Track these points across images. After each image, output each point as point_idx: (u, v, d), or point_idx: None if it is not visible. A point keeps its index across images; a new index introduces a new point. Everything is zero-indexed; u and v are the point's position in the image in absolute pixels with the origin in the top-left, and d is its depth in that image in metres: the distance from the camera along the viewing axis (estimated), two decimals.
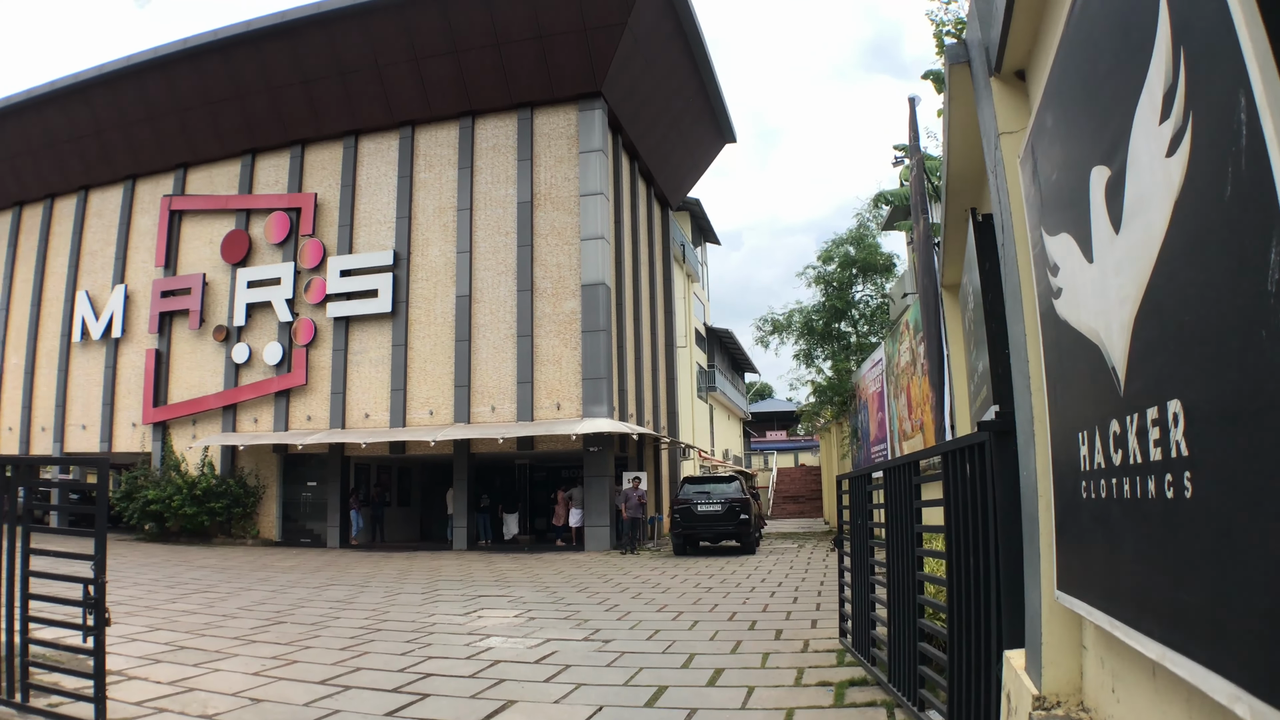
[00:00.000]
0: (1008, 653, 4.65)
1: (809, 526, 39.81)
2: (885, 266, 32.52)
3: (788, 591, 15.89)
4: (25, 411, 37.39)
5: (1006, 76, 5.00)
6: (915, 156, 13.31)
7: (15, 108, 36.86)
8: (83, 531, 7.44)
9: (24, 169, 38.41)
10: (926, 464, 7.08)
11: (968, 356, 11.03)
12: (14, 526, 7.56)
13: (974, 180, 8.57)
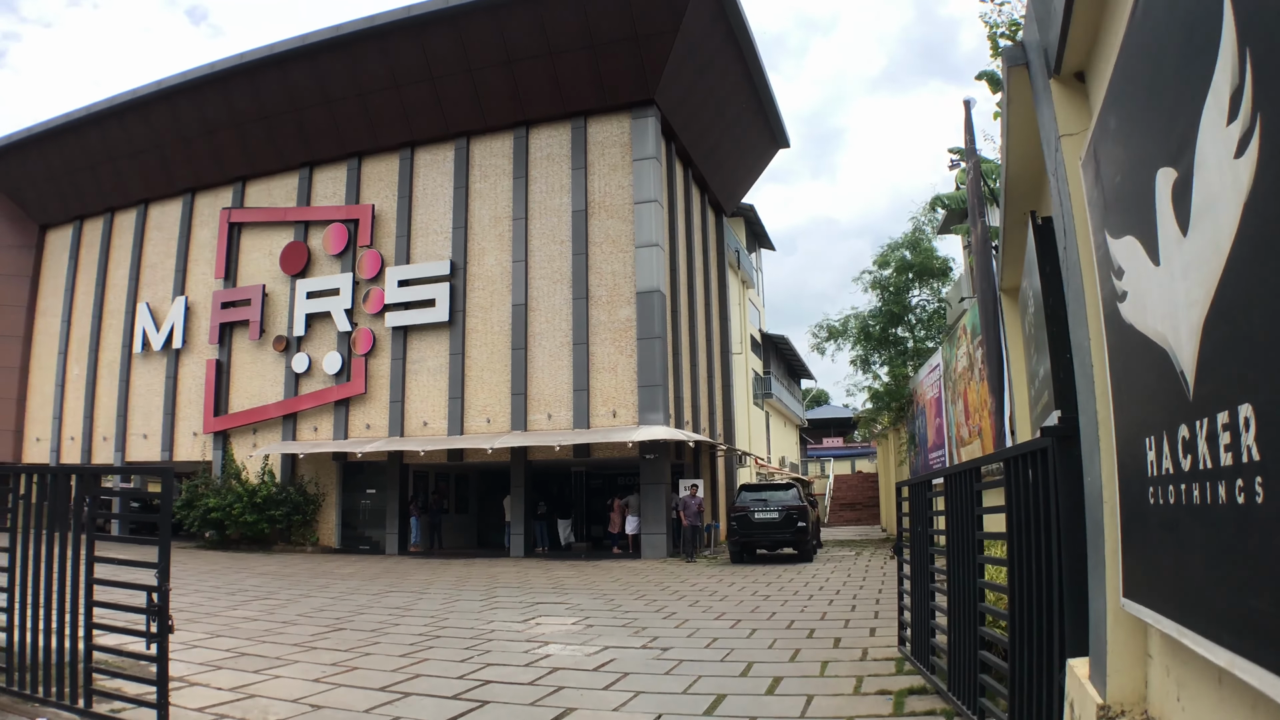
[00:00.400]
0: (1071, 661, 4.60)
1: (866, 534, 39.54)
2: (942, 270, 32.25)
3: (845, 599, 15.81)
4: (87, 421, 38.20)
5: (1066, 78, 4.97)
6: (972, 160, 13.20)
7: (75, 124, 37.78)
8: (146, 539, 7.54)
9: (84, 184, 39.29)
10: (988, 470, 7.02)
11: (1028, 361, 10.91)
12: (78, 534, 7.68)
13: (1033, 183, 8.50)
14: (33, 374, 41.60)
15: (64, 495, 8.13)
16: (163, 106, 35.43)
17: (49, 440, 39.79)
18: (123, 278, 38.40)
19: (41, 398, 40.85)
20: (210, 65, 33.78)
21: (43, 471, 8.35)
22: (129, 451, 36.62)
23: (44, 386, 40.81)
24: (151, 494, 9.01)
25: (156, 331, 36.22)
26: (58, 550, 7.73)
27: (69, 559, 7.66)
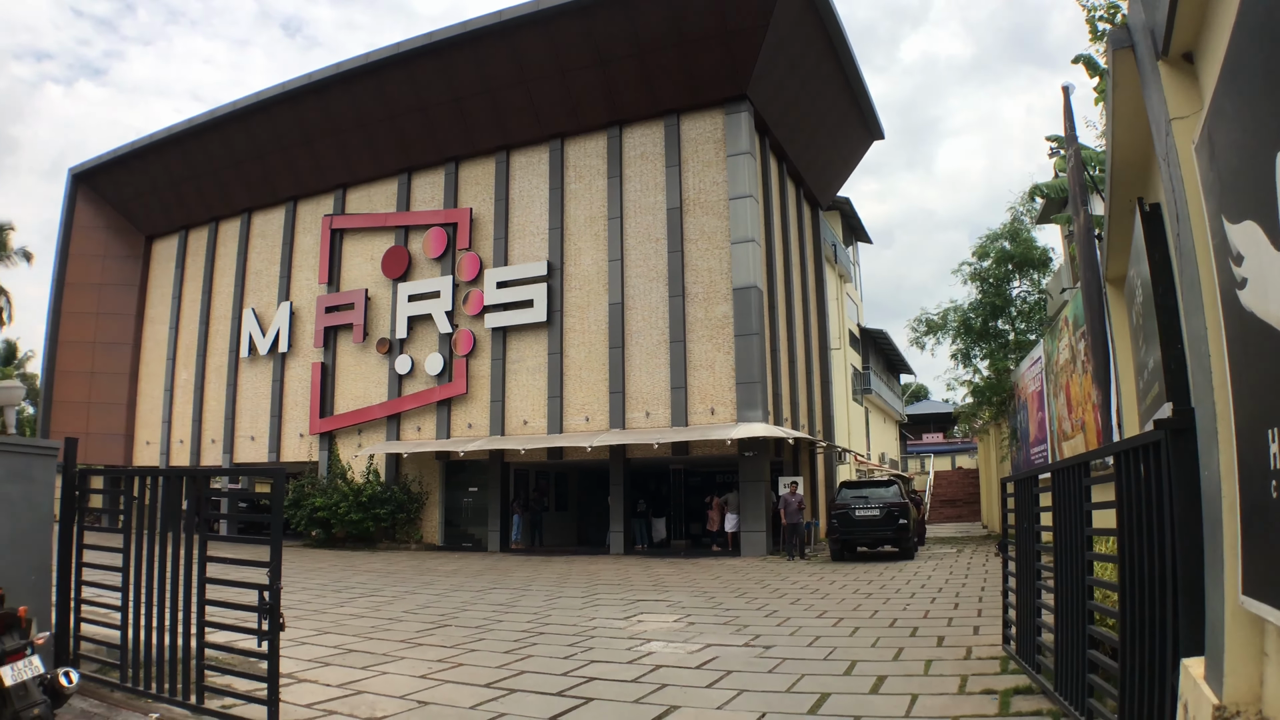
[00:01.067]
0: (1185, 661, 4.47)
1: (967, 531, 39.01)
2: (1042, 261, 31.58)
3: (948, 597, 15.77)
4: (195, 425, 39.49)
5: (1174, 60, 4.84)
6: (1073, 147, 12.92)
7: (178, 137, 39.26)
8: (257, 539, 7.74)
9: (188, 195, 40.64)
10: (1097, 465, 6.85)
11: (1135, 352, 10.67)
12: (191, 535, 7.84)
13: (1140, 169, 8.31)
14: (142, 380, 43.18)
15: (177, 497, 8.32)
16: (263, 117, 36.50)
17: (158, 443, 41.23)
18: (228, 284, 39.59)
19: (151, 402, 42.33)
20: (308, 75, 34.84)
21: (157, 474, 8.58)
22: (237, 453, 37.75)
23: (153, 392, 42.28)
24: (259, 494, 9.21)
25: (262, 336, 37.32)
26: (171, 550, 7.91)
27: (182, 559, 7.83)
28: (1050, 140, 23.48)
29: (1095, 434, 15.28)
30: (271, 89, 36.18)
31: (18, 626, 6.84)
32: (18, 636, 6.76)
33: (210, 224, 41.35)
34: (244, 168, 38.67)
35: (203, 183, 40.25)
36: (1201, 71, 4.64)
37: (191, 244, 42.34)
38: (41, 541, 8.94)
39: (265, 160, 37.91)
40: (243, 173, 38.83)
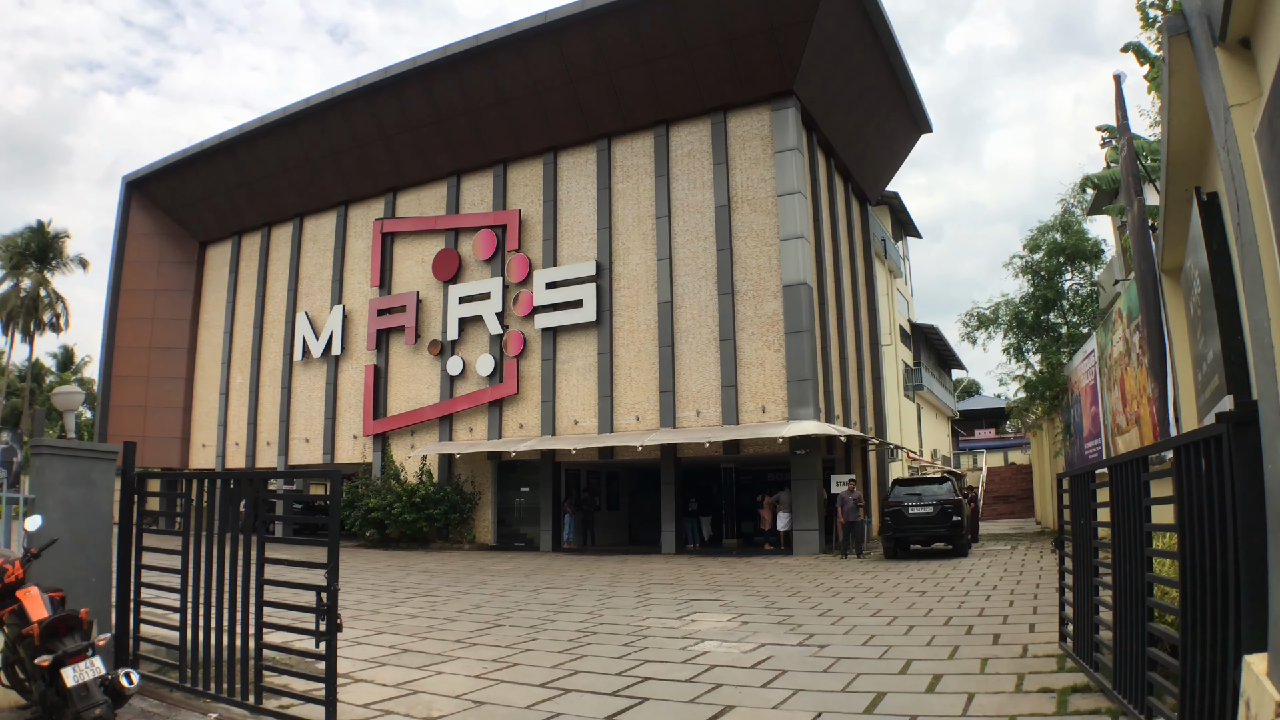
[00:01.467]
0: (1248, 657, 4.39)
1: (1020, 527, 38.66)
2: (1094, 253, 31.20)
3: (1003, 595, 15.65)
4: (251, 427, 40.05)
5: (1231, 45, 4.76)
6: (1125, 136, 12.74)
7: (229, 144, 39.93)
8: (314, 540, 7.78)
9: (241, 201, 41.21)
10: (1155, 459, 6.75)
11: (1193, 344, 10.52)
12: (249, 536, 7.92)
13: (1197, 157, 8.19)
14: (197, 384, 43.90)
15: (235, 499, 8.41)
16: (313, 123, 36.96)
17: (214, 446, 41.88)
18: (281, 289, 40.09)
19: (206, 406, 43.01)
20: (356, 81, 35.27)
21: (214, 477, 8.68)
22: (291, 455, 38.24)
23: (208, 395, 42.93)
24: (312, 496, 9.26)
25: (316, 339, 37.76)
26: (229, 552, 8.00)
27: (240, 560, 7.91)
28: (1101, 130, 23.19)
29: (1151, 428, 15.08)
30: (321, 94, 36.66)
31: (79, 628, 6.97)
32: (79, 638, 6.89)
33: (263, 229, 41.93)
34: (295, 173, 39.17)
35: (255, 188, 40.81)
36: (1260, 57, 4.56)
37: (245, 249, 42.95)
38: (101, 544, 9.08)
39: (316, 165, 38.37)
40: (294, 178, 39.33)
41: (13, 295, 64.86)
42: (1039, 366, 33.20)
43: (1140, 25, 15.68)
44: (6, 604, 7.32)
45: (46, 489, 8.77)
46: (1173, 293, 12.13)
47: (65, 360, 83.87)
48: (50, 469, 8.85)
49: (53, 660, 6.61)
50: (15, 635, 7.16)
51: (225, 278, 43.50)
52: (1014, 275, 33.31)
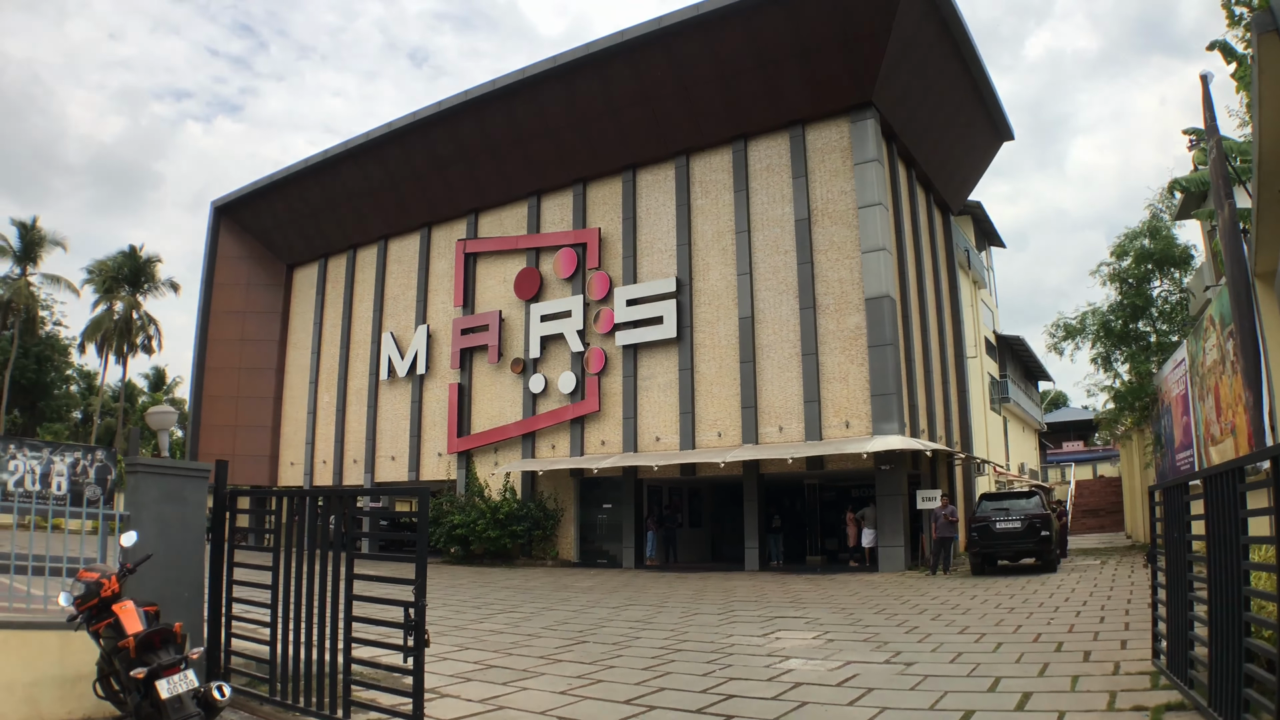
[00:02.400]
0: None
1: (1110, 541, 37.92)
2: (1183, 259, 30.62)
3: (1093, 611, 15.41)
4: (338, 445, 40.76)
5: None
6: (1213, 138, 12.52)
7: (315, 169, 40.93)
8: (402, 556, 7.97)
9: (327, 224, 42.12)
10: (1252, 469, 6.66)
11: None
12: (339, 553, 8.11)
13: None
14: (285, 403, 44.87)
15: (325, 516, 8.61)
16: (396, 147, 37.74)
17: (302, 464, 42.71)
18: (367, 310, 40.83)
19: (294, 424, 43.90)
20: (437, 104, 35.94)
21: (305, 494, 8.90)
22: (378, 472, 38.92)
23: (296, 414, 43.82)
24: (398, 513, 9.43)
25: (401, 359, 38.40)
26: (318, 567, 8.20)
27: (329, 576, 8.10)
28: (1188, 132, 22.80)
29: (1247, 437, 14.78)
30: (403, 118, 37.38)
31: (173, 641, 7.24)
32: (174, 651, 7.16)
33: (348, 251, 42.78)
34: (379, 196, 39.94)
35: (340, 212, 41.67)
36: None
37: (331, 271, 43.84)
38: (194, 560, 9.40)
39: (399, 188, 39.09)
40: (378, 201, 40.10)
41: (106, 318, 66.75)
42: (1128, 376, 32.63)
43: (1226, 23, 15.42)
44: (103, 617, 7.60)
45: (141, 506, 9.09)
46: (1267, 297, 11.93)
47: (157, 381, 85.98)
48: (145, 486, 9.17)
49: (148, 673, 6.87)
50: (111, 648, 7.43)
51: (312, 299, 44.46)
52: (1101, 283, 32.81)
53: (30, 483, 26.60)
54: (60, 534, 12.75)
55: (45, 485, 26.51)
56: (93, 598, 7.60)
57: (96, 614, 7.64)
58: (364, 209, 41.18)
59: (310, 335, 44.23)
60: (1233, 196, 12.56)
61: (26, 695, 8.28)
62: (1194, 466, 21.00)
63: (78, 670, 8.43)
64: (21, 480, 26.64)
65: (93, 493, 25.76)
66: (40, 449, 27.54)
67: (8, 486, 25.15)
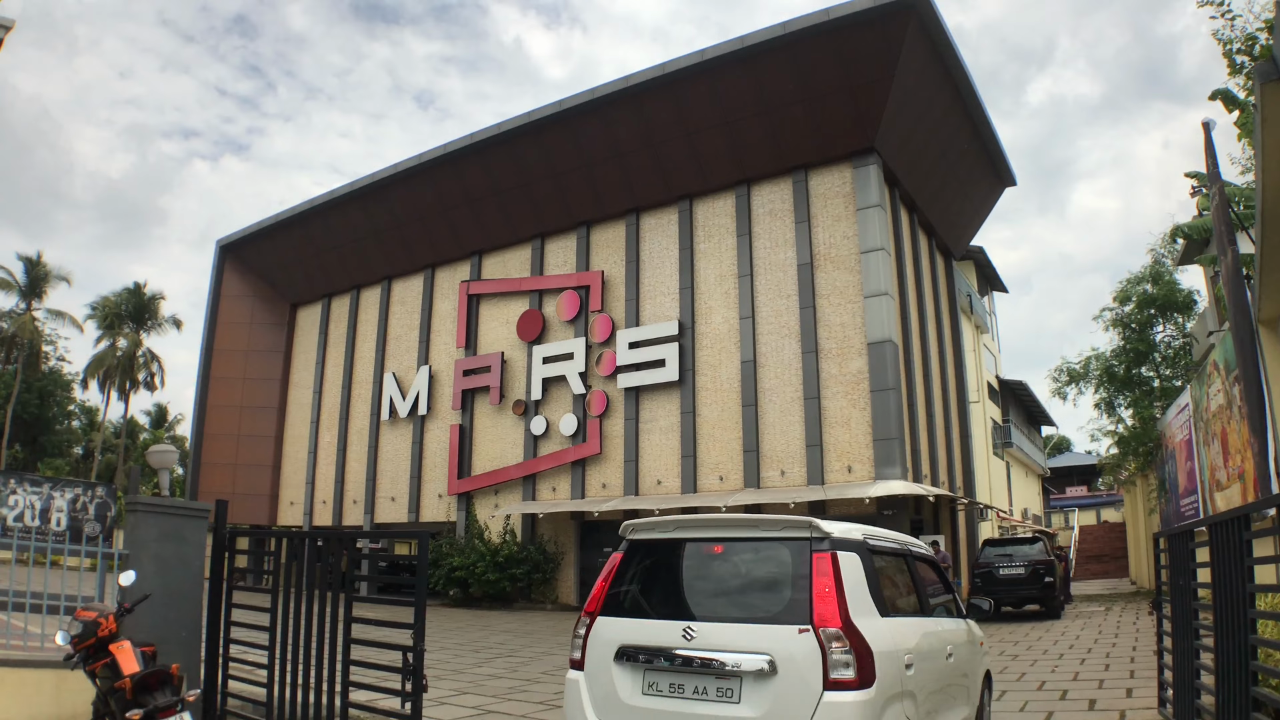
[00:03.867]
0: None
1: (1114, 587, 37.77)
2: (1186, 304, 30.69)
3: (1098, 658, 15.37)
4: (338, 486, 40.69)
5: None
6: (1216, 185, 12.60)
7: (320, 209, 41.17)
8: (401, 600, 7.96)
9: (331, 263, 42.30)
10: (1258, 517, 6.64)
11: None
12: (337, 595, 8.08)
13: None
14: (286, 442, 44.85)
15: (325, 558, 8.58)
16: (401, 188, 38.10)
17: (301, 504, 42.63)
18: (369, 349, 40.95)
19: (295, 464, 43.84)
20: (443, 146, 36.30)
21: (304, 536, 8.87)
22: (377, 513, 38.84)
23: (297, 453, 43.76)
24: (398, 555, 9.41)
25: (402, 399, 38.44)
26: (316, 609, 8.17)
27: (327, 618, 8.07)
28: (1190, 177, 22.92)
29: (1253, 483, 14.74)
30: (408, 160, 37.69)
31: (170, 683, 7.23)
32: (170, 693, 7.15)
33: (352, 291, 42.92)
34: (384, 237, 40.16)
35: (344, 252, 41.86)
36: None
37: (334, 311, 43.97)
38: (193, 600, 9.38)
39: (404, 229, 39.31)
40: (382, 242, 40.32)
41: (109, 354, 66.94)
42: (1131, 421, 32.63)
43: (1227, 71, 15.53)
44: (100, 657, 7.59)
45: (140, 545, 9.08)
46: (1271, 344, 11.94)
47: (159, 418, 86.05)
48: (145, 525, 9.17)
49: (144, 715, 6.84)
50: (107, 688, 7.41)
51: (315, 339, 44.56)
52: (1104, 328, 32.92)
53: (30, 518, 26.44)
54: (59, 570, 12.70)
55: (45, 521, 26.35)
56: (90, 637, 7.58)
57: (93, 653, 7.62)
58: (368, 249, 41.38)
59: (312, 374, 44.28)
60: (1235, 243, 12.61)
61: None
62: (1199, 512, 20.97)
63: (73, 709, 8.41)
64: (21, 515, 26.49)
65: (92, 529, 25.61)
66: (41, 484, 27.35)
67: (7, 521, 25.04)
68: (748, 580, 6.09)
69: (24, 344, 64.68)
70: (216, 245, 46.75)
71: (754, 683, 5.46)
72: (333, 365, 43.53)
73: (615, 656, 6.02)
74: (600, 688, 6.07)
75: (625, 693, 5.92)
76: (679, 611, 6.07)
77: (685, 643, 5.73)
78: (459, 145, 36.00)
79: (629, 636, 6.05)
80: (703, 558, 6.31)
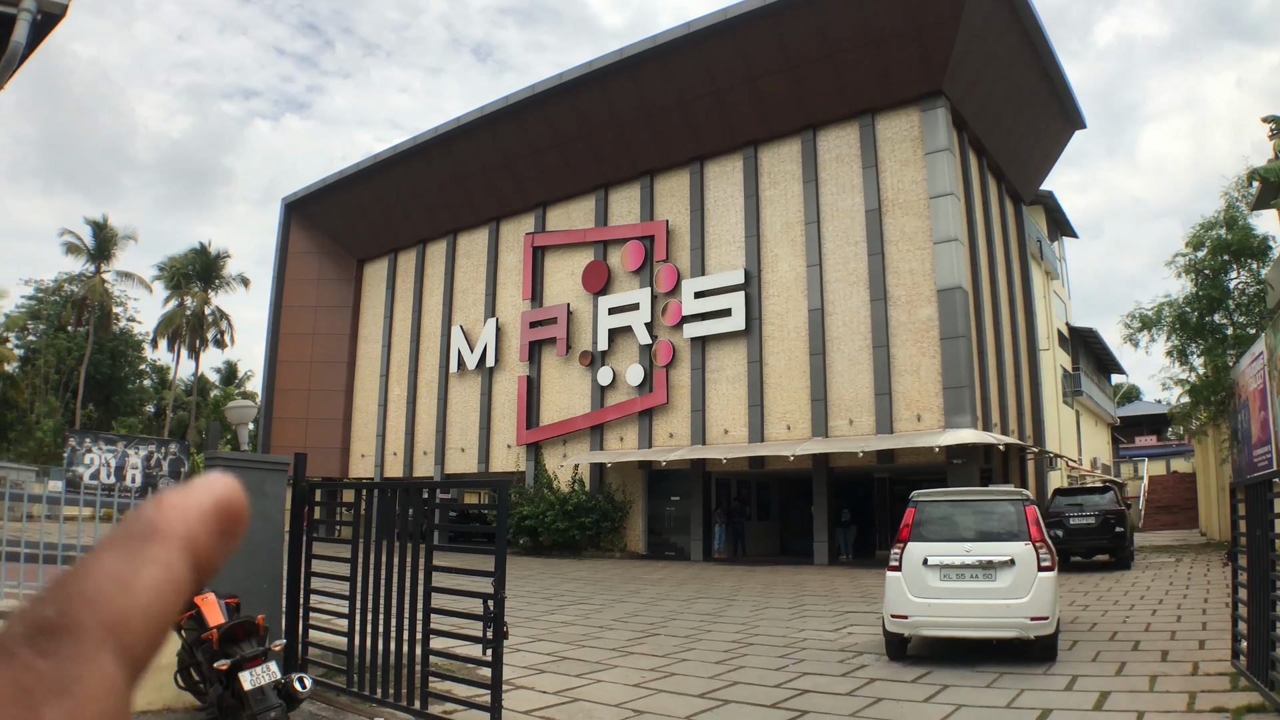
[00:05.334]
0: None
1: (1183, 538, 37.17)
2: (1261, 249, 29.85)
3: (1169, 609, 15.14)
4: (408, 438, 41.16)
5: None
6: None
7: (383, 164, 41.43)
8: (471, 548, 7.92)
9: (396, 219, 42.48)
10: None
11: None
12: (417, 546, 8.12)
13: None
14: (356, 396, 45.36)
15: (405, 509, 8.63)
16: (464, 142, 38.01)
17: (373, 456, 43.19)
18: (437, 304, 41.16)
19: (365, 417, 44.37)
20: (505, 99, 36.22)
21: (389, 487, 8.93)
22: (447, 464, 39.30)
23: (367, 407, 44.28)
24: (470, 505, 9.46)
25: (470, 352, 38.67)
26: (397, 560, 8.22)
27: (408, 568, 8.12)
28: (1267, 120, 22.27)
29: None
30: (471, 113, 37.64)
31: (256, 634, 7.31)
32: (256, 643, 7.22)
33: (418, 246, 43.12)
34: (448, 191, 40.18)
35: (409, 207, 42.01)
36: None
37: (401, 266, 44.22)
38: (273, 552, 9.49)
39: (468, 183, 39.31)
40: (447, 196, 40.36)
41: (178, 314, 67.88)
42: (1203, 370, 31.96)
43: None
44: (185, 609, 7.62)
45: None
46: None
47: (229, 375, 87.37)
48: None
49: (231, 664, 6.94)
50: (193, 639, 7.54)
51: (382, 293, 44.90)
52: (1176, 275, 32.14)
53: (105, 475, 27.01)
54: None
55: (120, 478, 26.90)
56: None
57: None
58: (432, 204, 41.51)
59: (381, 329, 44.68)
60: None
61: None
62: (1273, 463, 20.50)
63: (158, 660, 8.52)
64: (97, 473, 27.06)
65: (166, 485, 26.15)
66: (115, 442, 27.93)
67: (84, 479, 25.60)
68: (991, 520, 11.54)
69: (95, 306, 65.85)
70: (282, 203, 47.28)
71: (1003, 569, 10.92)
72: (400, 319, 43.87)
73: (922, 563, 11.28)
74: (913, 581, 11.29)
75: (933, 581, 11.17)
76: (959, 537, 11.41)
77: (965, 555, 11.14)
78: (521, 97, 35.83)
79: (931, 552, 11.32)
80: (961, 508, 11.91)
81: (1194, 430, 37.68)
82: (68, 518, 11.36)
